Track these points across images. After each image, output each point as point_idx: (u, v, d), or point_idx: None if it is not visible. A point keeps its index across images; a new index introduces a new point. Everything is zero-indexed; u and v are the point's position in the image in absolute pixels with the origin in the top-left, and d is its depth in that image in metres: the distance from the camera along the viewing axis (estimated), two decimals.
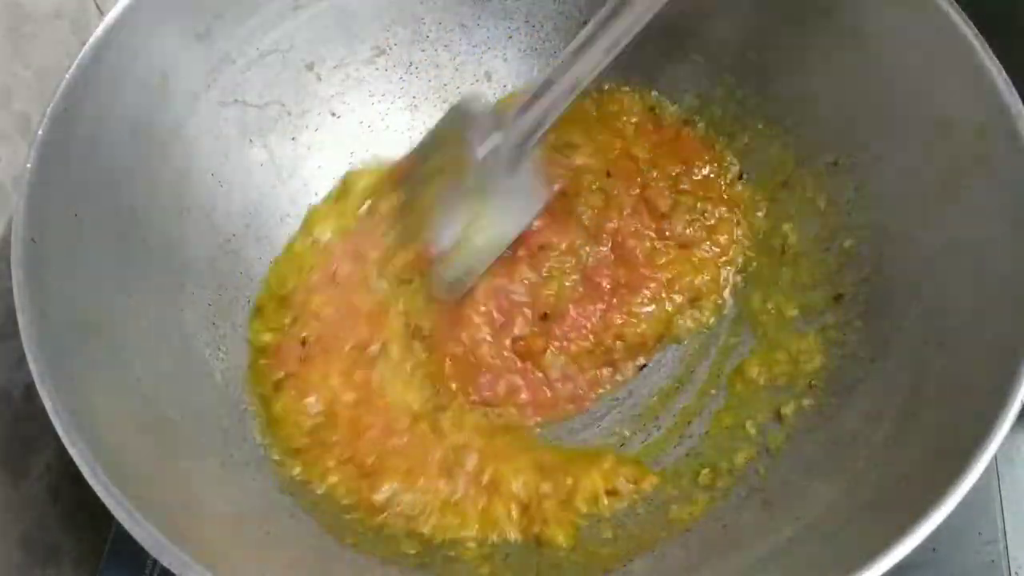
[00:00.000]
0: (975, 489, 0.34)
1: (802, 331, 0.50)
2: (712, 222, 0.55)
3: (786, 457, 0.46)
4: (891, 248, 0.48)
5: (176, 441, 0.43)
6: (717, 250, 0.55)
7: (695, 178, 0.57)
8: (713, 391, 0.52)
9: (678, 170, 0.57)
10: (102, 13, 0.48)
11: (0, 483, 0.48)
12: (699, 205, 0.55)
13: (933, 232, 0.45)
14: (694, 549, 0.44)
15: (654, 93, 0.60)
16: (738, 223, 0.56)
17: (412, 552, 0.46)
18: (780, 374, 0.50)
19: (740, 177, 0.57)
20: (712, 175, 0.57)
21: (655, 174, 0.57)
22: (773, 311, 0.52)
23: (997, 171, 0.42)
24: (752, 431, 0.49)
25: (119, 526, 0.35)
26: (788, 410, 0.48)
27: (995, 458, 0.35)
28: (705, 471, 0.48)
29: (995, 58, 0.42)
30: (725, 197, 0.56)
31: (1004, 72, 0.42)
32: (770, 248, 0.54)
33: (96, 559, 0.52)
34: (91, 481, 0.35)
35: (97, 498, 0.35)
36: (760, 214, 0.55)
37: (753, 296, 0.54)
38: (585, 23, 0.58)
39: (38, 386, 0.37)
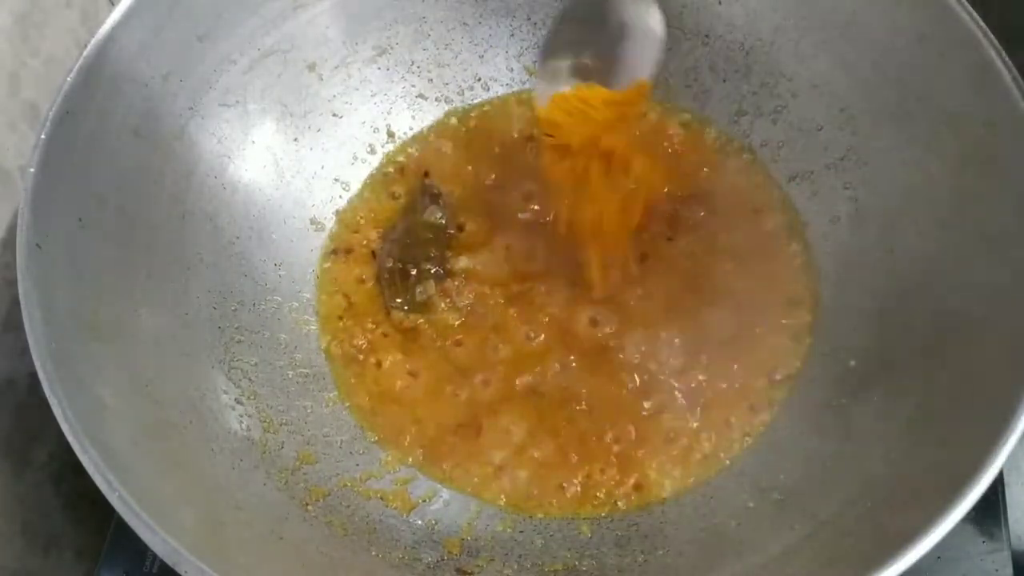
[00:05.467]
0: (980, 497, 0.34)
1: None
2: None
3: (800, 454, 0.46)
4: (901, 244, 0.48)
5: (185, 446, 0.43)
6: None
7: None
8: None
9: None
10: (112, 3, 0.48)
11: (2, 472, 0.48)
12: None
13: (942, 228, 0.45)
14: (709, 547, 0.44)
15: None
16: None
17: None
18: None
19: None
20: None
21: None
22: None
23: (1006, 166, 0.42)
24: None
25: (120, 517, 0.35)
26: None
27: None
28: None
29: (1003, 53, 0.42)
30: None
31: (1012, 67, 0.42)
32: None
33: (97, 548, 0.52)
34: (105, 491, 0.35)
35: (99, 488, 0.35)
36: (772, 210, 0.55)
37: None
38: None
39: (46, 391, 0.37)
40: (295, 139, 0.57)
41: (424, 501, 0.49)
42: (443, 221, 0.57)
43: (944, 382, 0.42)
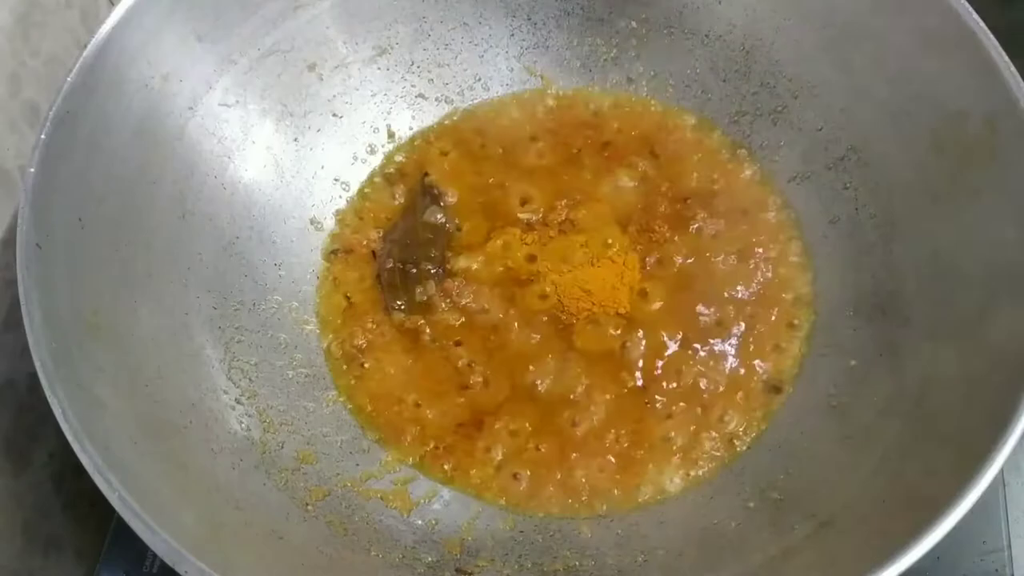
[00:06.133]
0: (980, 497, 0.34)
1: None
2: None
3: (801, 454, 0.46)
4: (901, 241, 0.48)
5: (185, 446, 0.43)
6: None
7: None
8: None
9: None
10: (112, 3, 0.48)
11: (3, 472, 0.48)
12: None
13: (942, 225, 0.45)
14: (709, 547, 0.44)
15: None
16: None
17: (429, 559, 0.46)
18: None
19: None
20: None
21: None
22: None
23: (1006, 163, 0.42)
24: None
25: (120, 517, 0.35)
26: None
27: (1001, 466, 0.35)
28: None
29: (1004, 53, 0.42)
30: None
31: (1012, 67, 0.42)
32: None
33: (97, 548, 0.52)
34: (105, 491, 0.35)
35: (99, 488, 0.36)
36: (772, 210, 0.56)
37: None
38: (588, 20, 0.59)
39: (46, 391, 0.37)
40: (295, 139, 0.57)
41: (424, 501, 0.49)
42: (443, 221, 0.57)
43: (944, 382, 0.42)
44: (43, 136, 0.42)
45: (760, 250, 0.54)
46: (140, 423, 0.41)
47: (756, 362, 0.51)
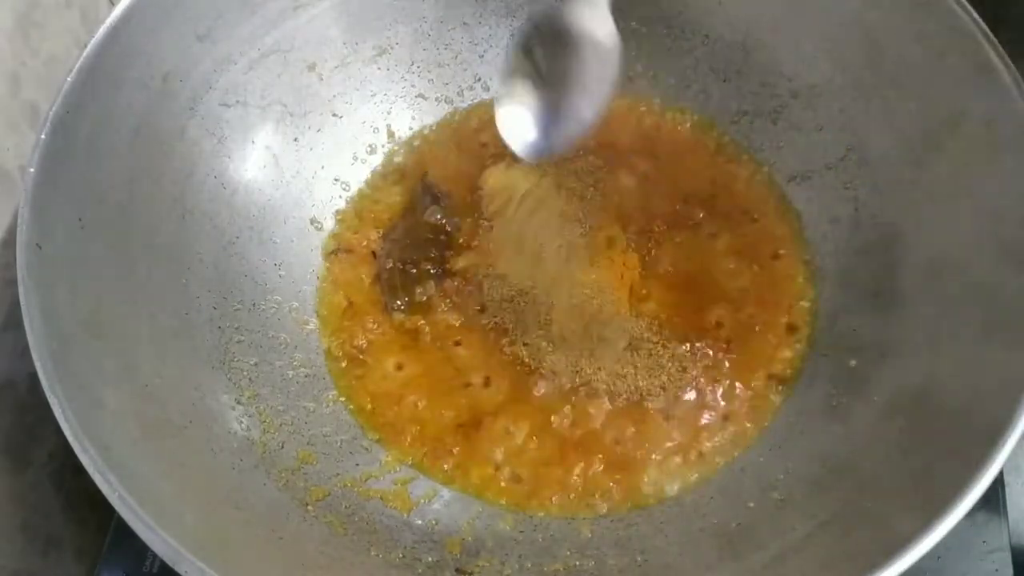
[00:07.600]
0: (980, 497, 0.34)
1: None
2: None
3: (801, 454, 0.46)
4: (901, 242, 0.48)
5: (185, 446, 0.43)
6: None
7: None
8: None
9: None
10: (112, 3, 0.48)
11: (3, 471, 0.48)
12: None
13: (943, 226, 0.45)
14: (709, 547, 0.44)
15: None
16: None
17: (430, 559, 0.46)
18: None
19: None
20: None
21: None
22: None
23: (1006, 165, 0.42)
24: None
25: (120, 517, 0.35)
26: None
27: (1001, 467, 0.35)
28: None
29: (1003, 53, 0.42)
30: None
31: (1012, 67, 0.42)
32: None
33: (97, 548, 0.52)
34: (105, 491, 0.35)
35: (99, 488, 0.36)
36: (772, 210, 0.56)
37: None
38: None
39: (46, 391, 0.37)
40: (295, 139, 0.57)
41: (424, 501, 0.49)
42: (443, 221, 0.57)
43: (944, 383, 0.42)
44: (43, 136, 0.42)
45: (760, 250, 0.54)
46: (140, 423, 0.41)
47: (756, 361, 0.51)
